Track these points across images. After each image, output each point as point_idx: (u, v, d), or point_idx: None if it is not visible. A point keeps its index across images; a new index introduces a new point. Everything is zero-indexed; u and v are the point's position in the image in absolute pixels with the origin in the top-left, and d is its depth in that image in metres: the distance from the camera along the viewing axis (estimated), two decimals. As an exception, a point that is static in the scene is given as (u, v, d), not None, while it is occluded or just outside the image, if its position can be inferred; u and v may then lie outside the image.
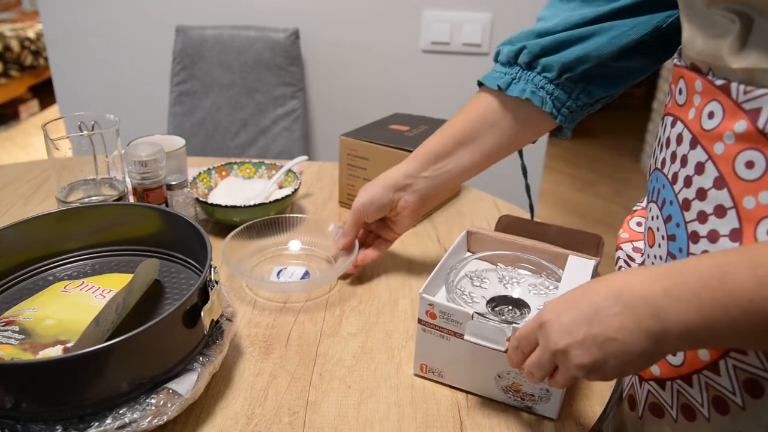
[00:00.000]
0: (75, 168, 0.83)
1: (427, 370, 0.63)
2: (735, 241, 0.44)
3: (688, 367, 0.50)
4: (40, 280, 0.67)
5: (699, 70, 0.48)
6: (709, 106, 0.46)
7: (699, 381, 0.49)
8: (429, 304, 0.58)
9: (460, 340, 0.58)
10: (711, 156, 0.46)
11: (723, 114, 0.45)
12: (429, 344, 0.61)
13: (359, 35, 1.69)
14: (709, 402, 0.48)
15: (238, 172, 1.03)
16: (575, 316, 0.44)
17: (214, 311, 0.58)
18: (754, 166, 0.43)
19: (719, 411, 0.48)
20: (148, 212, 0.70)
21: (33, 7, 4.51)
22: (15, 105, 3.88)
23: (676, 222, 0.50)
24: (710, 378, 0.48)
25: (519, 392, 0.58)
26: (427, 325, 0.60)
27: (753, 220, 0.43)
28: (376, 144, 0.95)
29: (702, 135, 0.47)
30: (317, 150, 1.86)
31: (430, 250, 0.90)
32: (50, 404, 0.48)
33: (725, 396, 0.47)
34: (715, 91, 0.45)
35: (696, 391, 0.49)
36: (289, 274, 0.81)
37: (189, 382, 0.53)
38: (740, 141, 0.44)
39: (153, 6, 1.69)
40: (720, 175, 0.45)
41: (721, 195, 0.45)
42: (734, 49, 0.43)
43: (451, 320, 0.57)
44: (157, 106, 1.80)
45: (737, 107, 0.44)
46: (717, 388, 0.47)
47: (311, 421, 0.57)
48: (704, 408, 0.49)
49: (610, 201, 3.02)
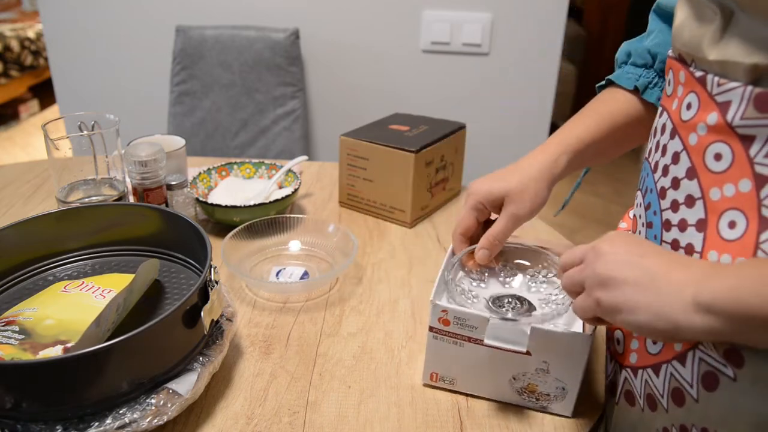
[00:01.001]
0: (75, 168, 0.83)
1: (437, 379, 0.61)
2: (700, 231, 0.45)
3: (663, 356, 0.50)
4: (40, 280, 0.67)
5: (684, 61, 0.49)
6: (688, 97, 0.47)
7: (665, 371, 0.49)
8: (442, 310, 0.57)
9: (475, 345, 0.57)
10: (686, 146, 0.47)
11: (698, 105, 0.46)
12: (441, 352, 0.59)
13: (359, 35, 1.69)
14: (669, 393, 0.49)
15: (238, 172, 1.03)
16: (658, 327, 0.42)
17: (214, 311, 0.58)
18: (722, 159, 0.44)
19: (676, 402, 0.48)
20: (148, 212, 0.70)
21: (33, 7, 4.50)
22: (15, 105, 3.88)
23: (654, 210, 0.51)
24: (675, 369, 0.48)
25: (534, 393, 0.58)
26: (439, 332, 0.58)
27: (717, 211, 0.44)
28: (376, 144, 0.95)
29: (680, 125, 0.48)
30: (317, 150, 1.86)
31: (430, 250, 0.90)
32: (50, 404, 0.48)
33: (683, 387, 0.47)
34: (694, 83, 0.46)
35: (660, 381, 0.50)
36: (289, 274, 0.81)
37: (189, 382, 0.53)
38: (711, 133, 0.45)
39: (153, 6, 1.69)
40: (692, 166, 0.46)
41: (692, 185, 0.46)
42: (713, 40, 0.44)
43: (466, 325, 0.56)
44: (157, 106, 1.80)
45: (711, 99, 0.45)
46: (678, 380, 0.48)
47: (311, 421, 0.57)
48: (664, 399, 0.50)
49: (610, 201, 3.01)
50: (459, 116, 1.69)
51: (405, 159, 0.92)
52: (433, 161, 0.96)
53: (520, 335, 0.54)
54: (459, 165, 1.06)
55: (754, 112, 0.41)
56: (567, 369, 0.56)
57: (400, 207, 0.96)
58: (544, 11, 1.61)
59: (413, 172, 0.92)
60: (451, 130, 1.01)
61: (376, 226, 0.97)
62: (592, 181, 3.26)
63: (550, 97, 1.73)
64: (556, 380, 0.57)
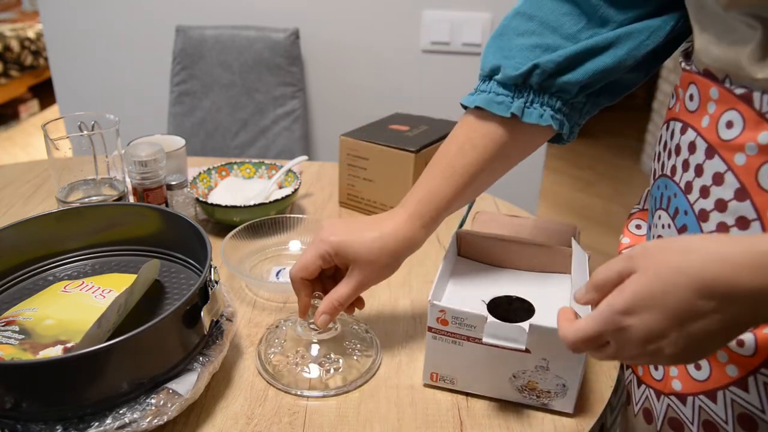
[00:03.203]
0: (75, 168, 0.83)
1: (437, 379, 0.61)
2: None
3: (713, 382, 0.49)
4: (40, 280, 0.67)
5: (713, 76, 0.47)
6: (726, 115, 0.45)
7: (724, 397, 0.48)
8: (440, 310, 0.57)
9: (474, 344, 0.57)
10: (731, 167, 0.45)
11: (744, 124, 0.44)
12: (440, 352, 0.59)
13: (359, 35, 1.69)
14: (734, 419, 0.47)
15: (238, 172, 1.03)
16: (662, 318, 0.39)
17: (214, 311, 0.58)
18: None
19: (745, 428, 0.47)
20: (148, 212, 0.70)
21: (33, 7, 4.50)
22: (15, 105, 3.88)
23: (693, 233, 0.49)
24: (737, 395, 0.47)
25: (535, 390, 0.58)
26: (438, 332, 0.58)
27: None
28: (376, 144, 0.95)
29: (720, 145, 0.46)
30: (317, 150, 1.86)
31: (430, 250, 0.90)
32: (50, 404, 0.48)
33: (752, 413, 0.46)
34: (735, 100, 0.44)
35: (720, 407, 0.48)
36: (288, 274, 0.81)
37: (189, 382, 0.53)
38: (764, 152, 0.42)
39: (153, 6, 1.69)
40: (741, 186, 0.44)
41: (744, 206, 0.44)
42: (756, 57, 0.42)
43: (465, 325, 0.56)
44: (157, 106, 1.80)
45: (761, 117, 0.42)
46: (744, 405, 0.46)
47: (311, 421, 0.57)
48: (728, 425, 0.48)
49: (610, 201, 3.01)
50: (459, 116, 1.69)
51: (405, 159, 0.92)
52: (433, 161, 0.96)
53: (519, 333, 0.54)
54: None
55: None
56: (567, 366, 0.56)
57: (400, 207, 0.96)
58: (544, 11, 1.61)
59: (413, 172, 0.92)
60: (451, 130, 1.01)
61: (376, 226, 0.97)
62: (592, 182, 3.27)
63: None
64: (556, 377, 0.57)
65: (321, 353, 0.64)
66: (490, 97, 0.60)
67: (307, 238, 0.88)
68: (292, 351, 0.64)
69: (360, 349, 0.65)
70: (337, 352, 0.64)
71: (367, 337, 0.67)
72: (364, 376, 0.63)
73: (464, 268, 0.68)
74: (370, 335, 0.68)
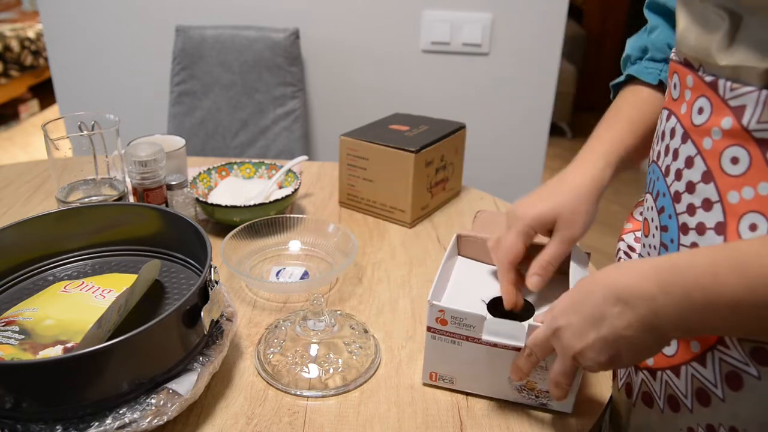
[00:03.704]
0: (75, 168, 0.83)
1: (437, 378, 0.61)
2: (720, 234, 0.45)
3: (679, 358, 0.51)
4: (40, 280, 0.67)
5: (691, 65, 0.49)
6: (698, 101, 0.47)
7: (686, 372, 0.50)
8: (440, 310, 0.57)
9: (473, 343, 0.57)
10: (700, 150, 0.47)
11: (711, 110, 0.46)
12: (439, 352, 0.59)
13: (359, 35, 1.69)
14: (693, 393, 0.49)
15: (238, 172, 1.03)
16: (581, 319, 0.46)
17: (214, 311, 0.58)
18: (739, 162, 0.44)
19: (701, 402, 0.49)
20: (148, 212, 0.70)
21: (33, 7, 4.50)
22: (15, 105, 3.88)
23: (669, 213, 0.52)
24: (697, 370, 0.49)
25: (534, 390, 0.58)
26: (437, 332, 0.58)
27: (736, 214, 0.44)
28: (376, 144, 0.95)
29: (692, 130, 0.48)
30: (317, 150, 1.86)
31: (430, 250, 0.90)
32: (50, 404, 0.48)
33: (708, 388, 0.48)
34: (705, 87, 0.47)
35: (682, 382, 0.51)
36: (288, 274, 0.81)
37: (189, 382, 0.53)
38: (726, 137, 0.45)
39: (153, 6, 1.69)
40: (708, 170, 0.46)
41: (708, 189, 0.46)
42: (722, 45, 0.44)
43: (464, 324, 0.56)
44: (157, 106, 1.80)
45: (724, 104, 0.45)
46: (701, 380, 0.49)
47: (311, 421, 0.57)
48: (688, 399, 0.50)
49: (610, 201, 3.01)
50: (459, 116, 1.69)
51: (405, 159, 0.92)
52: (433, 161, 0.96)
53: (518, 330, 0.54)
54: (459, 165, 1.06)
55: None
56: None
57: (400, 207, 0.96)
58: (544, 11, 1.61)
59: (413, 172, 0.92)
60: (451, 130, 1.01)
61: (376, 226, 0.97)
62: (592, 181, 3.26)
63: (550, 97, 1.73)
64: None
65: (320, 353, 0.64)
66: (640, 68, 0.66)
67: (307, 238, 0.88)
68: (291, 351, 0.64)
69: (359, 349, 0.65)
70: (336, 352, 0.64)
71: (367, 336, 0.67)
72: (364, 376, 0.63)
73: (464, 268, 0.68)
74: (369, 335, 0.68)
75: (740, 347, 0.45)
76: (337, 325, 0.66)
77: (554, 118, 1.84)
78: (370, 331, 0.69)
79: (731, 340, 0.46)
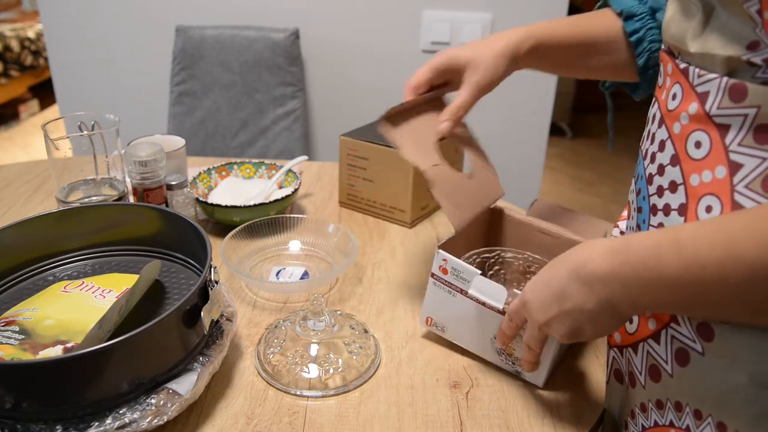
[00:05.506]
0: (75, 168, 0.83)
1: (431, 324, 0.67)
2: (682, 215, 0.47)
3: (638, 335, 0.53)
4: (40, 280, 0.67)
5: (672, 53, 0.51)
6: (674, 88, 0.49)
7: (643, 349, 0.52)
8: (443, 259, 0.62)
9: (464, 297, 0.61)
10: (671, 135, 0.49)
11: (682, 96, 0.48)
12: (437, 298, 0.64)
13: (359, 35, 1.69)
14: (646, 369, 0.52)
15: (238, 172, 1.03)
16: (548, 294, 0.50)
17: (214, 311, 0.58)
18: (701, 146, 0.46)
19: (653, 378, 0.51)
20: (148, 212, 0.70)
21: (33, 7, 4.50)
22: (15, 105, 3.88)
23: (643, 195, 0.54)
24: (651, 347, 0.51)
25: (511, 356, 0.61)
26: (438, 279, 0.63)
27: (696, 196, 0.46)
28: (376, 144, 0.95)
29: (666, 115, 0.50)
30: (317, 150, 1.86)
31: (430, 249, 0.90)
32: (50, 404, 0.48)
33: (659, 364, 0.50)
34: (679, 74, 0.48)
35: (639, 358, 0.53)
36: (288, 274, 0.81)
37: (189, 382, 0.53)
38: (692, 122, 0.46)
39: (153, 6, 1.69)
40: (675, 153, 0.48)
41: (675, 172, 0.48)
42: (695, 34, 0.46)
43: (460, 277, 0.61)
44: (157, 106, 1.80)
45: (692, 90, 0.47)
46: (654, 357, 0.50)
47: (311, 421, 0.57)
48: (642, 375, 0.52)
49: (610, 201, 3.01)
50: (459, 116, 1.69)
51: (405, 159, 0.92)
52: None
53: (500, 293, 0.58)
54: (459, 165, 1.06)
55: (728, 102, 0.43)
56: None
57: (400, 207, 0.96)
58: (544, 11, 1.61)
59: (413, 172, 0.92)
60: (451, 130, 1.01)
61: (376, 226, 0.97)
62: (592, 182, 3.27)
63: (550, 97, 1.73)
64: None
65: (320, 353, 0.64)
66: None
67: (307, 238, 0.88)
68: (291, 351, 0.64)
69: (359, 349, 0.65)
70: (336, 352, 0.64)
71: (367, 336, 0.67)
72: (364, 376, 0.63)
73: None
74: (369, 335, 0.68)
75: (689, 324, 0.47)
76: (337, 325, 0.66)
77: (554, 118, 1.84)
78: (370, 331, 0.69)
79: (682, 318, 0.48)
